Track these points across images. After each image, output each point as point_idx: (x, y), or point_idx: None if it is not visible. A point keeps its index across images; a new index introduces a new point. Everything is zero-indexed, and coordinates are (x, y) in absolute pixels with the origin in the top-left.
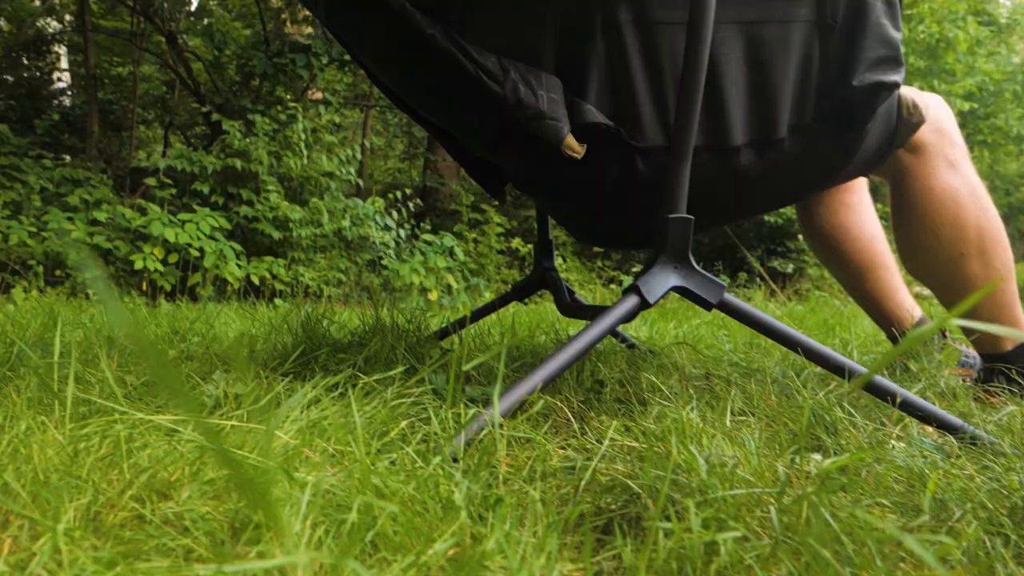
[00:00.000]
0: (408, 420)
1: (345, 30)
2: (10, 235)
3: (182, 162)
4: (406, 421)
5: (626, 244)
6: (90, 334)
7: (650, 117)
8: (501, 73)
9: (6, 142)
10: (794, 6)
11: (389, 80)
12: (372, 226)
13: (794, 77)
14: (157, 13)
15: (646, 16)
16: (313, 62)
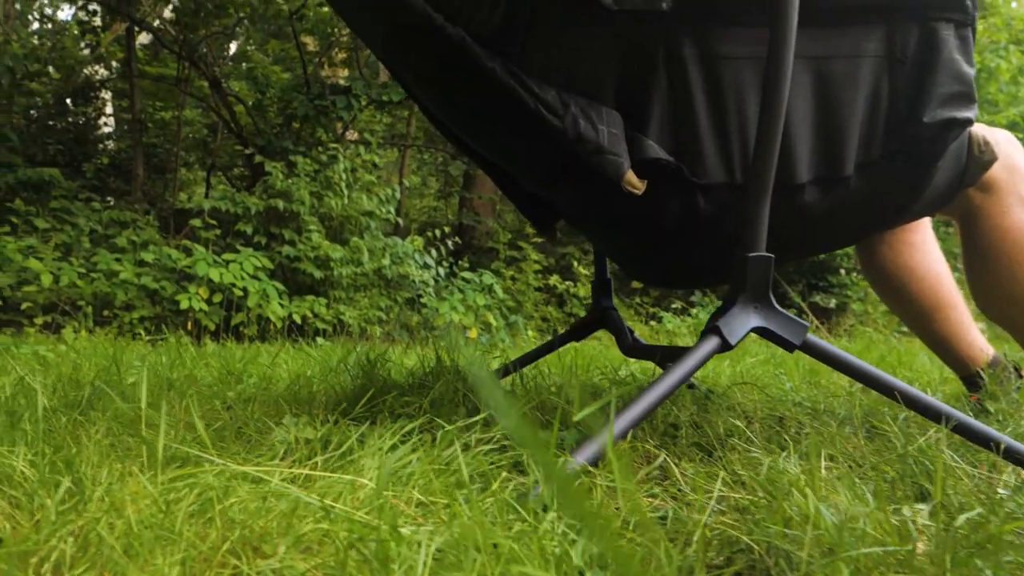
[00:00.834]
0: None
1: (401, 64)
2: (61, 276)
3: (226, 203)
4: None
5: (683, 283)
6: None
7: (712, 153)
8: (561, 107)
9: (58, 186)
10: (863, 41)
11: (444, 114)
12: (411, 264)
13: (862, 113)
14: (202, 59)
15: (710, 51)
16: (353, 103)
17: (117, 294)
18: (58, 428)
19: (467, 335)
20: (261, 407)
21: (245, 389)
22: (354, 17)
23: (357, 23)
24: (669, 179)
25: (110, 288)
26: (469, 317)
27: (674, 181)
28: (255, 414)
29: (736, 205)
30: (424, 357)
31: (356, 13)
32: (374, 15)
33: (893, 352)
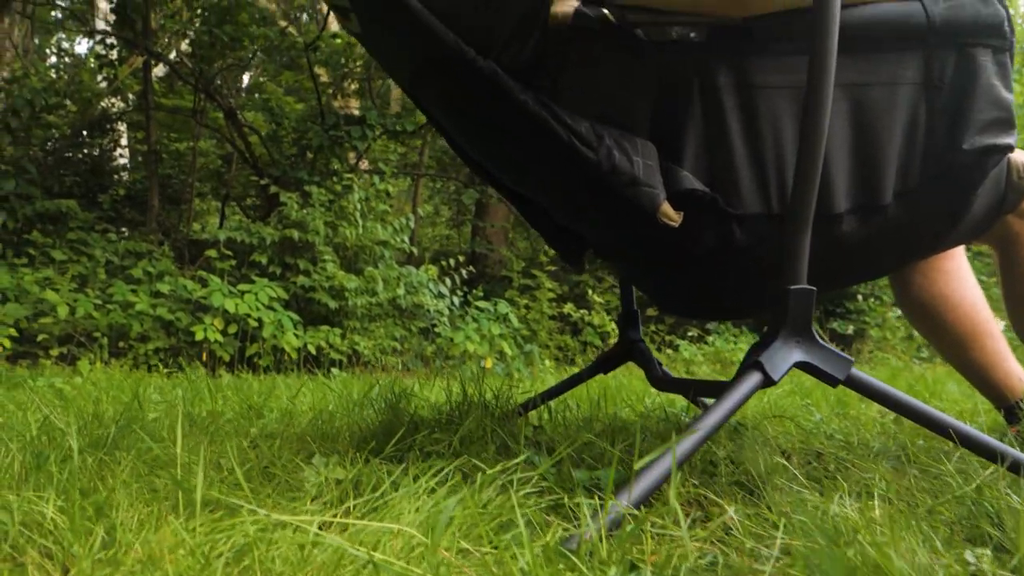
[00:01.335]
0: (537, 509)
1: (429, 96)
2: (77, 307)
3: (241, 234)
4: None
5: (716, 314)
6: (172, 412)
7: (748, 183)
8: (595, 139)
9: (75, 217)
10: (900, 68)
11: (472, 146)
12: (426, 294)
13: (900, 140)
14: (217, 90)
15: (746, 80)
16: (367, 133)
17: (133, 325)
18: (85, 469)
19: (482, 365)
20: (286, 443)
21: (267, 424)
22: (382, 50)
23: (385, 56)
24: (704, 210)
25: (126, 319)
26: (484, 346)
27: (709, 212)
28: (281, 452)
29: (773, 235)
30: (449, 390)
31: (385, 46)
32: (404, 48)
33: (920, 380)
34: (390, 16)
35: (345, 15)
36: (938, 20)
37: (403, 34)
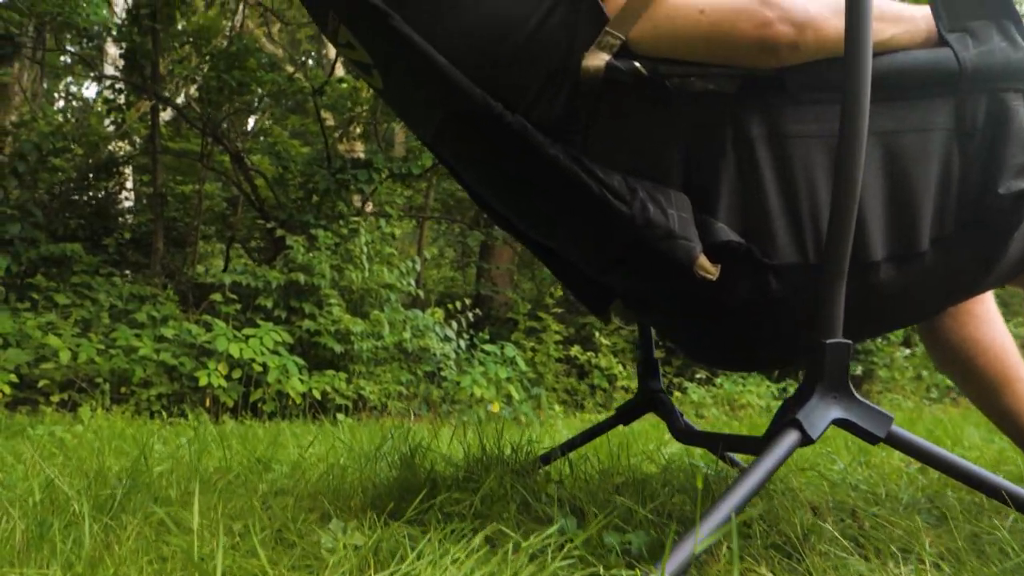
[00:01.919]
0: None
1: (452, 150)
2: (79, 353)
3: (247, 277)
4: None
5: (747, 365)
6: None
7: (783, 233)
8: (628, 192)
9: (79, 261)
10: (931, 114)
11: (498, 201)
12: (432, 337)
13: (934, 187)
14: (224, 134)
15: (779, 130)
16: (374, 176)
17: (135, 371)
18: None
19: (489, 409)
20: (298, 502)
21: (277, 479)
22: (405, 105)
23: (407, 111)
24: (739, 260)
25: (128, 364)
26: (491, 390)
27: (744, 262)
28: (295, 513)
29: (809, 285)
30: (466, 444)
31: (408, 102)
32: (428, 104)
33: (940, 426)
34: (415, 72)
35: (367, 71)
36: (969, 66)
37: (428, 90)
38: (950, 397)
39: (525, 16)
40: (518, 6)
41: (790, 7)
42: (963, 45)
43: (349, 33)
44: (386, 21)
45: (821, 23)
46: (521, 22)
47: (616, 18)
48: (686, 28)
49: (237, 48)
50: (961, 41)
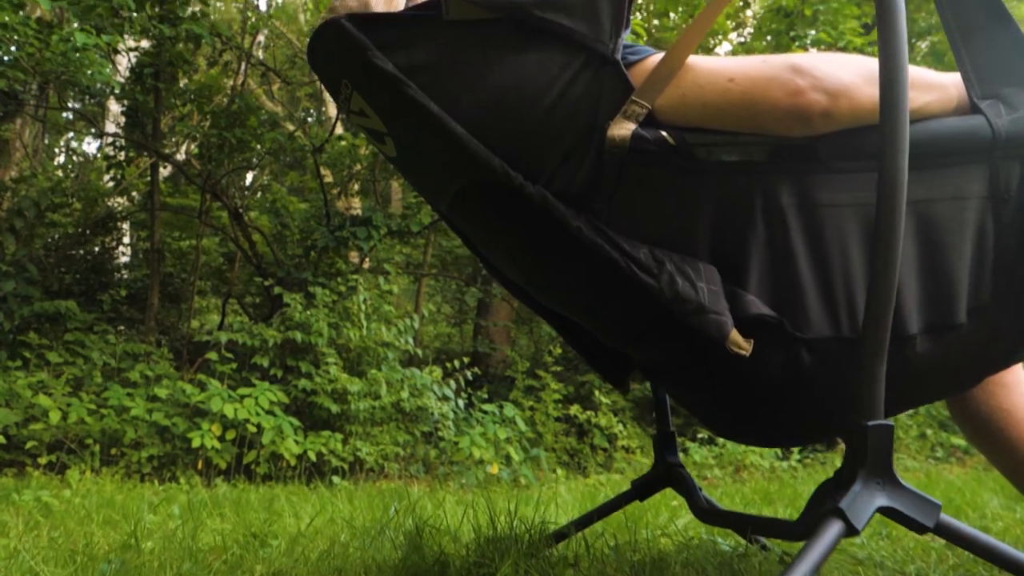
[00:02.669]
0: None
1: (469, 221)
2: (70, 413)
3: (243, 335)
4: None
5: (777, 441)
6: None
7: (816, 306)
8: (655, 265)
9: (73, 318)
10: (965, 182)
11: (515, 272)
12: (430, 397)
13: (970, 256)
14: (223, 191)
15: (811, 199)
16: (373, 234)
17: (127, 431)
18: None
19: (488, 471)
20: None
21: (273, 557)
22: (419, 174)
23: (421, 180)
24: (770, 334)
25: (120, 425)
26: (490, 451)
27: (775, 336)
28: None
29: (843, 359)
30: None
31: (423, 170)
32: (444, 174)
33: (959, 493)
34: (431, 141)
35: (379, 139)
36: (1003, 133)
37: (444, 160)
38: (955, 456)
39: (547, 84)
40: (540, 74)
41: (823, 75)
42: (996, 112)
43: (363, 101)
44: (402, 90)
45: (854, 91)
46: (543, 90)
47: (642, 86)
48: (715, 97)
49: (238, 107)
50: (993, 108)
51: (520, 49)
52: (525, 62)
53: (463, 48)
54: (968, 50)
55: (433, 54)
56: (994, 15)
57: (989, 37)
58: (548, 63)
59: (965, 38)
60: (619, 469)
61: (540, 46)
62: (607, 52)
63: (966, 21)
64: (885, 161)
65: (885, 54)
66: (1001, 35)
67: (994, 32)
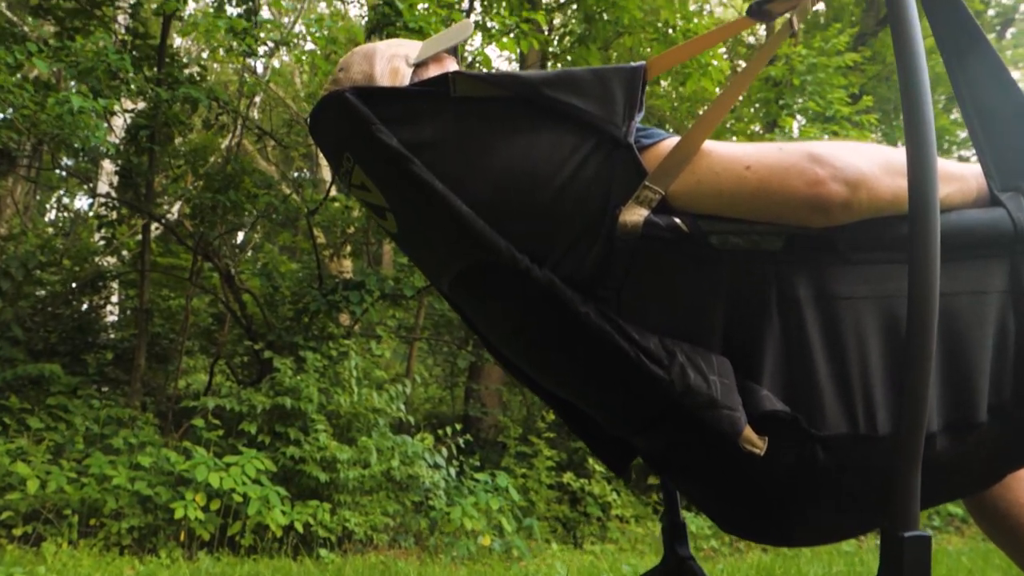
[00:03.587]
0: None
1: (472, 302)
2: (49, 482)
3: (231, 401)
4: None
5: (789, 540)
6: None
7: (832, 402)
8: (666, 356)
9: (57, 381)
10: (986, 275)
11: (518, 356)
12: (421, 465)
13: (991, 352)
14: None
15: (828, 291)
16: (366, 298)
17: (107, 501)
18: None
19: (479, 542)
20: None
21: None
22: (421, 251)
23: (423, 257)
24: (784, 430)
25: (100, 494)
26: (481, 521)
27: (789, 432)
28: None
29: (860, 458)
30: None
31: (425, 248)
32: (447, 253)
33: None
34: (434, 220)
35: (380, 214)
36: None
37: (447, 238)
38: (953, 526)
39: (557, 165)
40: (550, 154)
41: (842, 165)
42: (1017, 205)
43: (364, 175)
44: (406, 166)
45: (874, 182)
46: (552, 172)
47: (656, 171)
48: (731, 184)
49: (233, 168)
50: (1014, 200)
51: (529, 129)
52: (534, 142)
53: (470, 126)
54: (988, 141)
55: (439, 131)
56: (1015, 107)
57: (1010, 129)
58: (558, 144)
59: (985, 129)
60: (613, 539)
61: (550, 126)
62: (620, 135)
63: (986, 113)
64: (916, 255)
65: (913, 146)
66: (1022, 127)
67: (1015, 124)
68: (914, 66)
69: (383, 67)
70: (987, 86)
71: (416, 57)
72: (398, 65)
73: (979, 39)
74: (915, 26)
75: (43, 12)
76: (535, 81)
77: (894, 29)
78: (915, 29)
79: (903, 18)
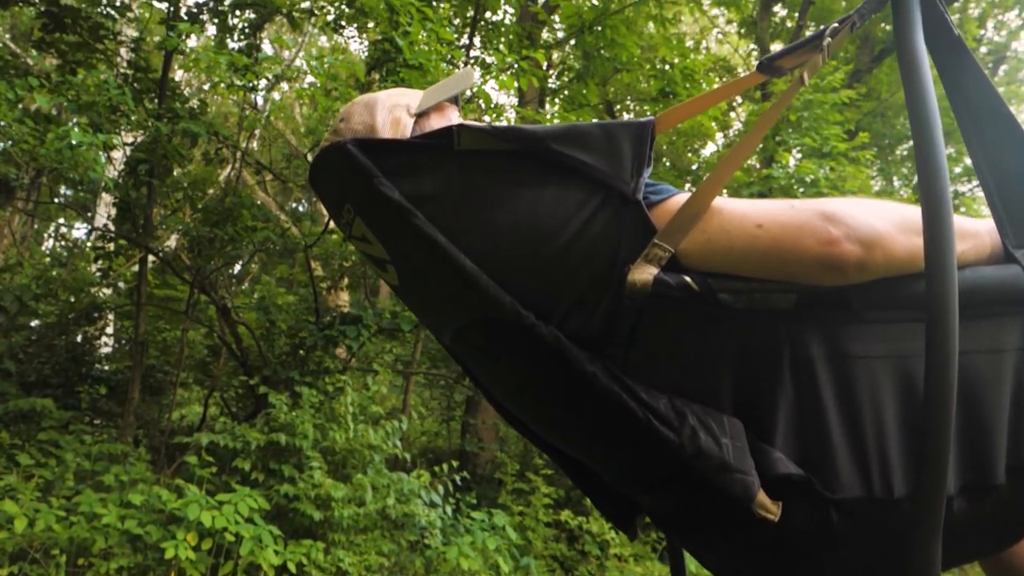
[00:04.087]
0: None
1: (475, 357)
2: (37, 520)
3: (224, 437)
4: None
5: None
6: None
7: (846, 464)
8: (676, 417)
9: (49, 416)
10: (1002, 333)
11: (524, 413)
12: (417, 503)
13: (1007, 411)
14: (211, 286)
15: (841, 350)
16: (363, 332)
17: (97, 540)
18: None
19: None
20: None
21: None
22: (422, 305)
23: (425, 311)
24: (796, 492)
25: (89, 533)
26: (478, 561)
27: (802, 495)
28: None
29: (875, 520)
30: None
31: (426, 302)
32: (450, 307)
33: None
34: (437, 274)
35: (381, 266)
36: None
37: (450, 293)
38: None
39: (563, 221)
40: (556, 210)
41: (856, 224)
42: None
43: (365, 227)
44: (409, 219)
45: (889, 241)
46: (559, 227)
47: (665, 229)
48: (742, 243)
49: (231, 202)
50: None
51: (535, 183)
52: (540, 197)
53: (474, 179)
54: (1002, 197)
55: (442, 184)
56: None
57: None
58: (565, 199)
59: (999, 185)
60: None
61: (557, 181)
62: (628, 191)
63: (1000, 167)
64: (934, 316)
65: (929, 205)
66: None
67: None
68: (928, 123)
69: (384, 117)
70: (1001, 143)
71: (418, 107)
72: (400, 115)
73: (993, 97)
74: (928, 87)
75: (46, 46)
76: (542, 135)
77: (907, 88)
78: (928, 90)
79: (916, 79)
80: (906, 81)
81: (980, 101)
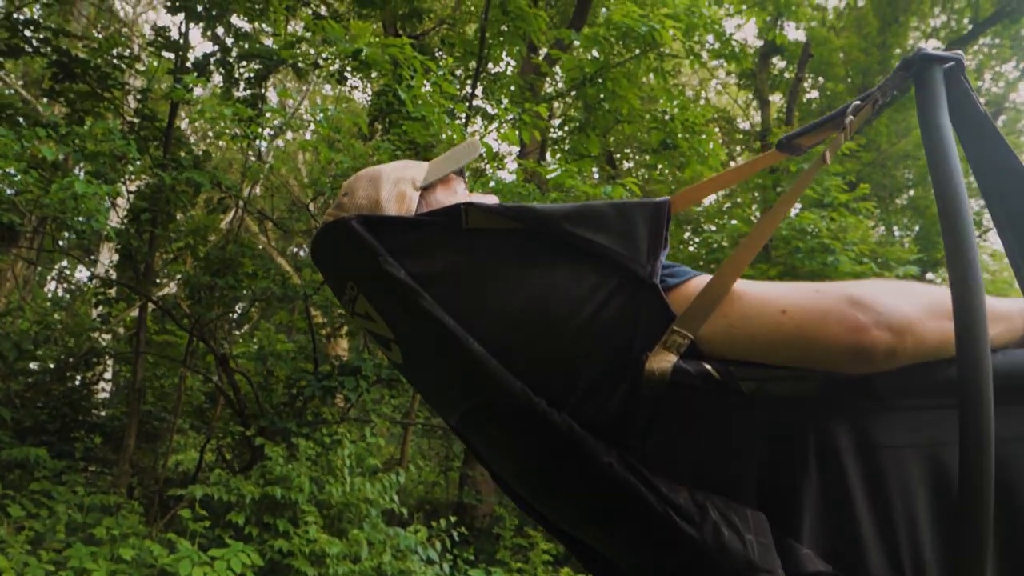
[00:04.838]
0: None
1: (481, 439)
2: (25, 574)
3: (219, 490)
4: None
5: None
6: None
7: (878, 560)
8: (697, 512)
9: (42, 466)
10: None
11: (535, 499)
12: (414, 560)
13: None
14: (210, 335)
15: (869, 439)
16: (361, 383)
17: None
18: None
19: None
20: None
21: None
22: (429, 386)
23: (431, 392)
24: None
25: None
26: None
27: None
28: None
29: None
30: None
31: (433, 383)
32: (457, 390)
33: None
34: (444, 356)
35: (386, 345)
36: None
37: (457, 375)
38: None
39: (576, 304)
40: (568, 292)
41: (885, 310)
42: None
43: (369, 305)
44: (415, 299)
45: (920, 327)
46: (572, 311)
47: (684, 314)
48: (766, 329)
49: (232, 250)
50: None
51: (547, 264)
52: (552, 279)
53: (483, 260)
54: None
55: (450, 264)
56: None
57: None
58: (578, 281)
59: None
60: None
61: (569, 263)
62: (644, 274)
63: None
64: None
65: (960, 289)
66: None
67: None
68: (956, 204)
69: (390, 192)
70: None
71: (424, 180)
72: (405, 189)
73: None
74: (956, 168)
75: (55, 95)
76: (554, 215)
77: (934, 169)
78: (956, 171)
79: (943, 160)
80: (932, 162)
81: (1009, 183)
